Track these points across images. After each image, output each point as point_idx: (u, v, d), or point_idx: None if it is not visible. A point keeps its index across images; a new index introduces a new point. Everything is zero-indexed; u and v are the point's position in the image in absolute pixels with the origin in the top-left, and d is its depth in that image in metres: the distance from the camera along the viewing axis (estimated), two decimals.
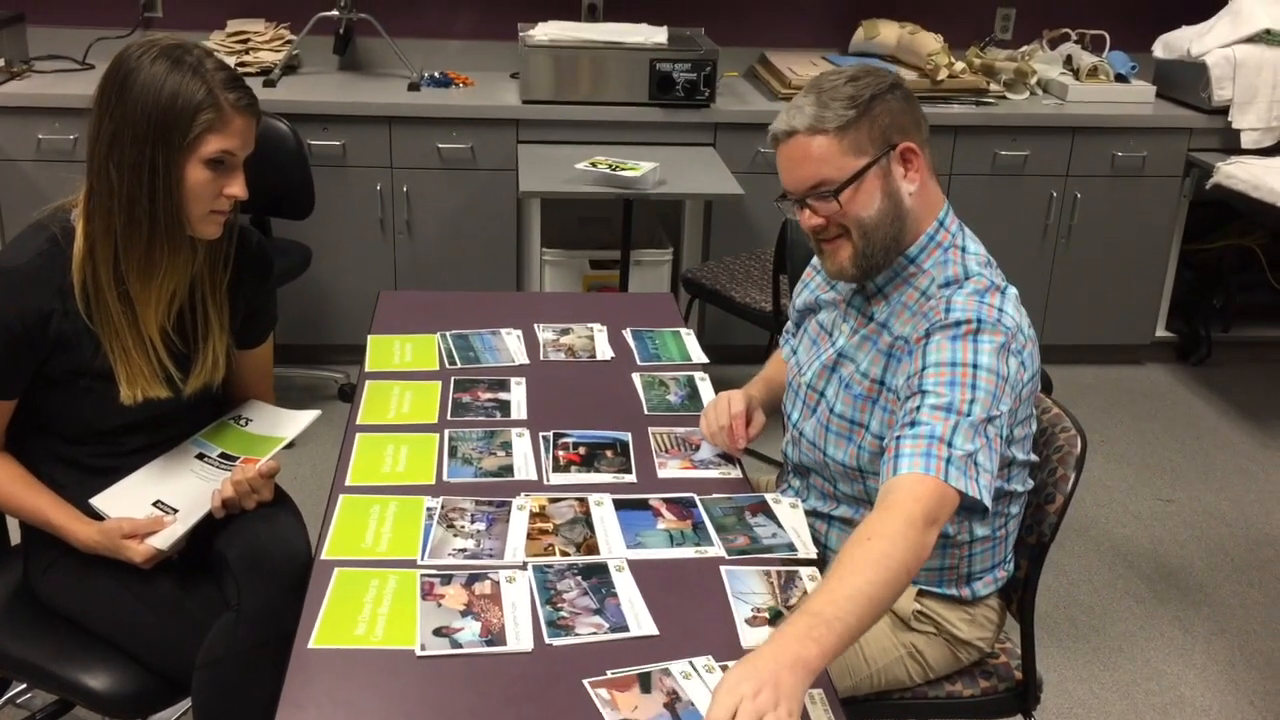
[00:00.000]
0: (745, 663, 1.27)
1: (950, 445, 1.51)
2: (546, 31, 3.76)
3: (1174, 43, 4.07)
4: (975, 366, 1.56)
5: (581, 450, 1.87)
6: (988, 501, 1.52)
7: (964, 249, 1.70)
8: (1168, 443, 3.75)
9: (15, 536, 1.93)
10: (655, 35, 3.77)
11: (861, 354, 1.74)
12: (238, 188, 1.69)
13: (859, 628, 1.35)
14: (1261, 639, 2.81)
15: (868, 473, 1.73)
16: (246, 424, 1.88)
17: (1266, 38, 3.89)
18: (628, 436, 1.92)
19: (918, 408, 1.55)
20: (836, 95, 1.62)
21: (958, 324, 1.58)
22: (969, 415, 1.53)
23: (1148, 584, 3.02)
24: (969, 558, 1.76)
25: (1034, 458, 1.79)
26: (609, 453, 1.87)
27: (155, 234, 1.65)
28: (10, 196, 3.57)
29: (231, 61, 3.79)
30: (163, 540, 1.69)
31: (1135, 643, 2.79)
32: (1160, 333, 4.25)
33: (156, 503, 1.74)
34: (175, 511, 1.73)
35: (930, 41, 3.95)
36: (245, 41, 3.92)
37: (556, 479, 1.79)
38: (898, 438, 1.54)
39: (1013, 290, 1.68)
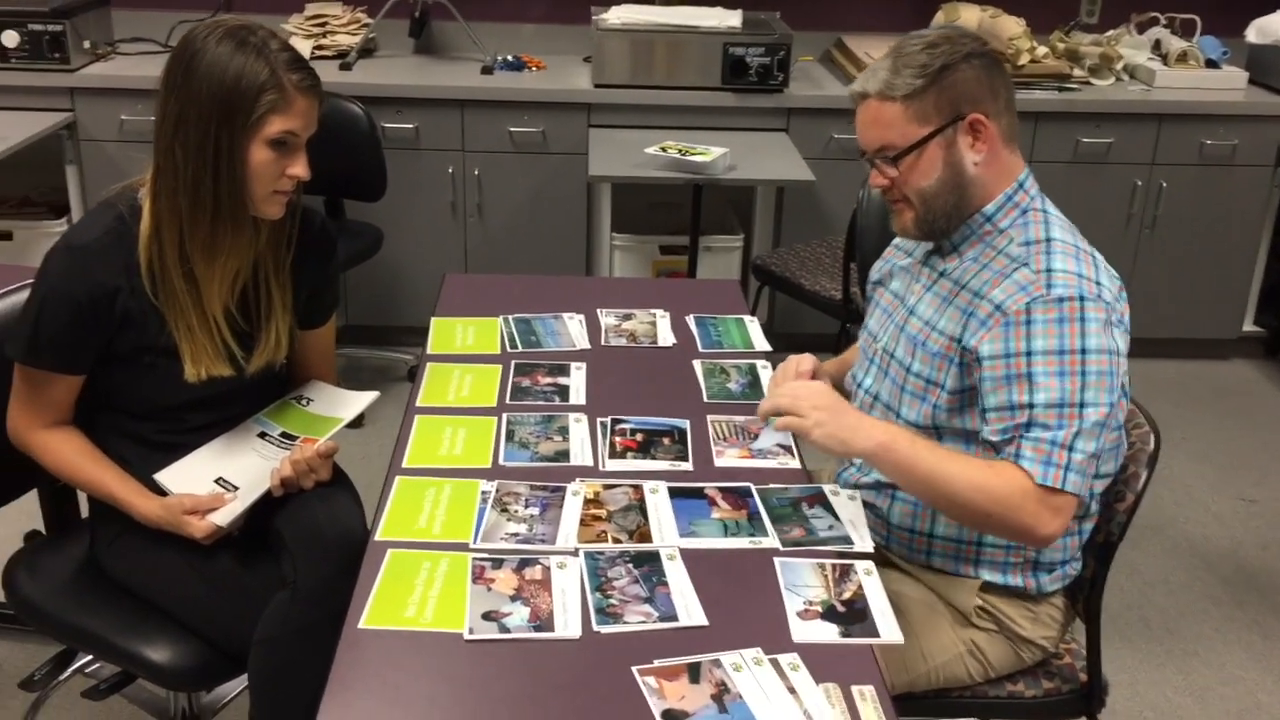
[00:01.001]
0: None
1: (1071, 450, 1.54)
2: (620, 15, 3.74)
3: (1268, 27, 3.92)
4: (1083, 351, 1.55)
5: (639, 437, 1.86)
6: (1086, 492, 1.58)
7: (1045, 211, 1.68)
8: (1252, 441, 3.63)
9: (85, 510, 1.97)
10: (729, 19, 3.73)
11: (934, 310, 1.72)
12: (300, 168, 1.70)
13: (921, 480, 1.59)
14: None
15: (944, 429, 1.70)
16: (308, 404, 1.90)
17: None
18: (685, 424, 1.90)
19: (1031, 405, 1.56)
20: (910, 62, 1.63)
21: (1060, 301, 1.57)
22: (1084, 410, 1.54)
23: (1226, 586, 2.93)
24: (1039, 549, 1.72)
25: (1121, 442, 1.74)
26: (666, 440, 1.85)
27: (219, 213, 1.67)
28: (94, 175, 3.66)
29: (309, 44, 3.85)
30: (223, 517, 1.71)
31: (1211, 646, 2.70)
32: (1248, 327, 4.11)
33: (218, 480, 1.76)
34: (236, 489, 1.75)
35: (1012, 25, 3.86)
36: (323, 25, 3.96)
37: (613, 465, 1.78)
38: (1020, 439, 1.56)
39: (1100, 256, 1.67)
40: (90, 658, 2.06)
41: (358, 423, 1.89)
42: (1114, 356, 1.57)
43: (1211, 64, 3.96)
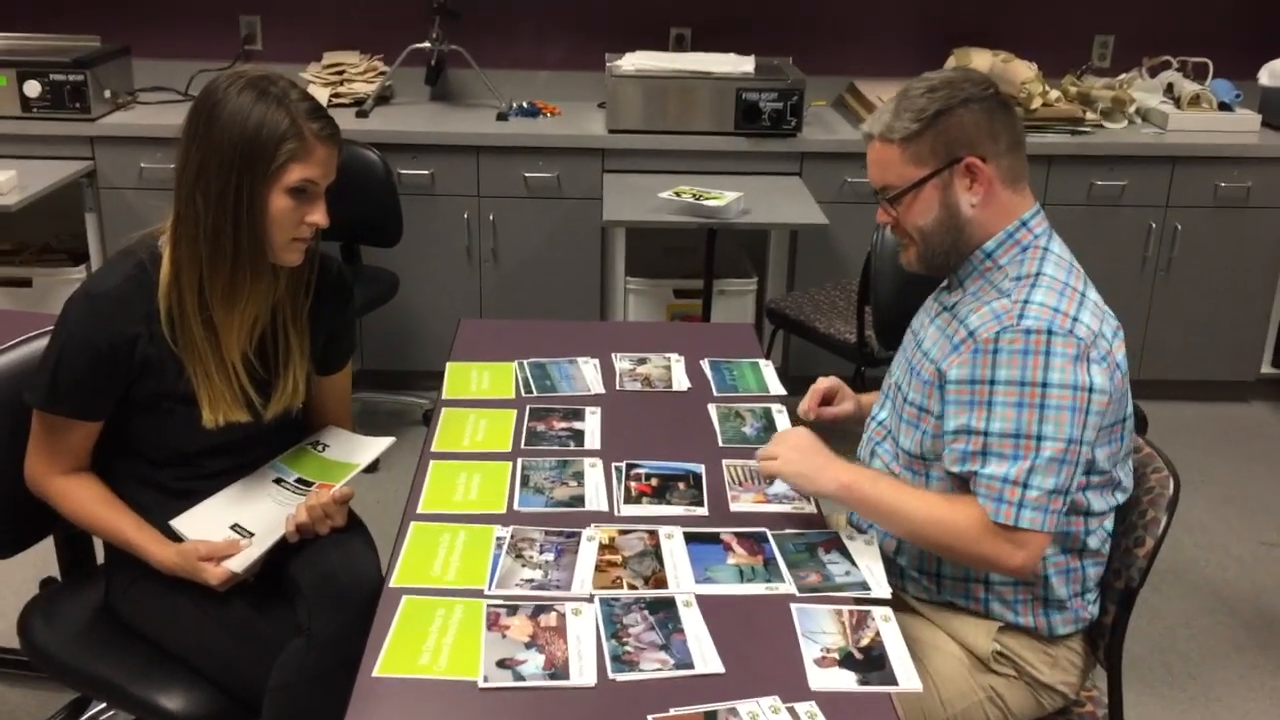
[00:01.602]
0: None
1: (1025, 487, 1.56)
2: (634, 61, 3.78)
3: None
4: (1044, 385, 1.56)
5: (654, 481, 1.85)
6: (1053, 528, 1.59)
7: (1046, 249, 1.69)
8: (1272, 483, 3.60)
9: (101, 557, 1.97)
10: (743, 65, 3.76)
11: (931, 341, 1.75)
12: (319, 216, 1.72)
13: (885, 514, 1.66)
14: None
15: (930, 460, 1.72)
16: (324, 449, 1.91)
17: None
18: (701, 468, 1.89)
19: (985, 433, 1.58)
20: (910, 106, 1.67)
21: (1028, 332, 1.58)
22: (1041, 444, 1.56)
23: (1249, 631, 2.89)
24: (1046, 580, 1.71)
25: (1121, 477, 1.73)
26: (681, 485, 1.85)
27: (239, 261, 1.69)
28: (114, 223, 3.70)
29: (326, 92, 3.89)
30: (238, 563, 1.71)
31: (1235, 692, 2.66)
32: (1266, 369, 4.09)
33: (234, 526, 1.76)
34: (251, 535, 1.75)
35: (1023, 70, 3.88)
36: (341, 73, 4.01)
37: (628, 510, 1.77)
38: (975, 472, 1.60)
39: (1093, 295, 1.66)
40: (104, 705, 2.06)
41: (373, 468, 1.89)
42: (1081, 392, 1.56)
43: (1224, 107, 3.97)
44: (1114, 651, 1.77)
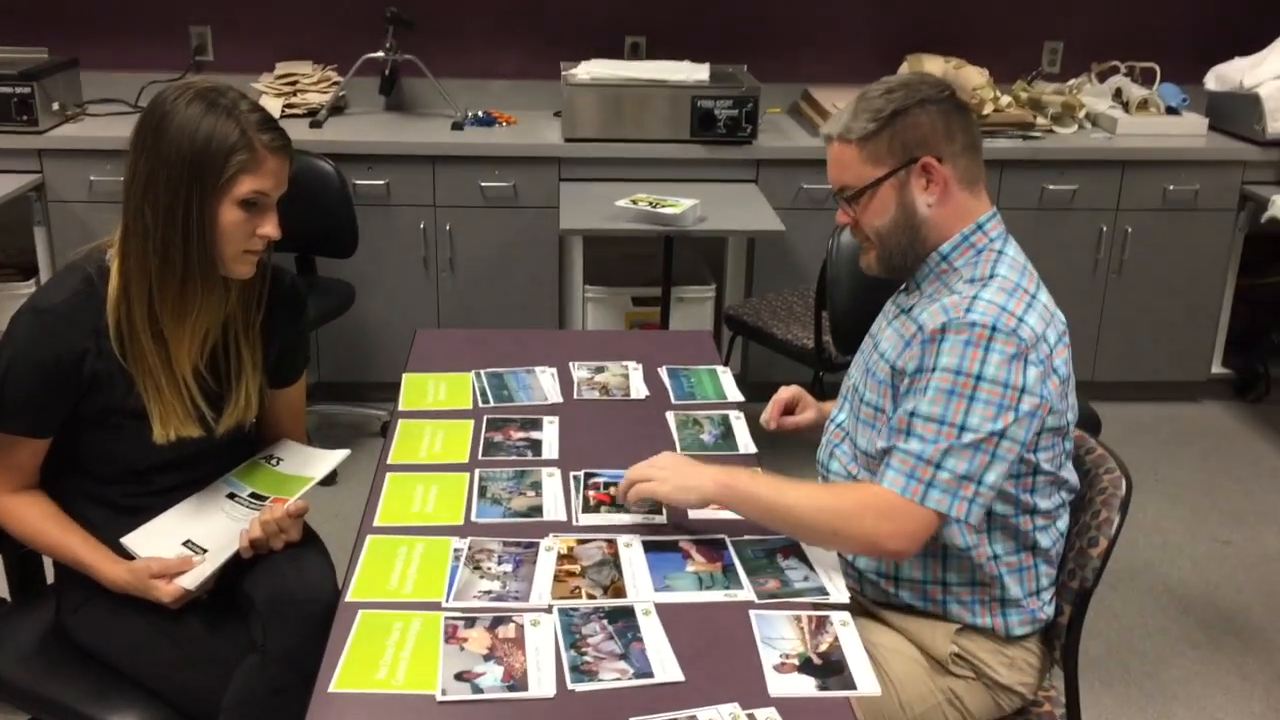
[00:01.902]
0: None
1: (938, 467, 1.57)
2: (589, 70, 3.78)
3: (1226, 75, 4.00)
4: (979, 378, 1.57)
5: (612, 490, 1.85)
6: (973, 519, 1.60)
7: (1001, 252, 1.71)
8: (1225, 482, 3.65)
9: (50, 576, 1.94)
10: (697, 73, 3.77)
11: (886, 340, 1.76)
12: (271, 228, 1.70)
13: (766, 510, 1.65)
14: None
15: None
16: (278, 463, 1.89)
17: None
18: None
19: (913, 412, 1.60)
20: (868, 107, 1.69)
21: (972, 325, 1.59)
22: (963, 430, 1.57)
23: (1204, 629, 2.93)
24: (1000, 580, 1.72)
25: (1067, 476, 1.74)
26: None
27: (189, 274, 1.66)
28: (63, 236, 3.64)
29: (279, 103, 3.86)
30: (190, 580, 1.69)
31: (1191, 690, 2.70)
32: (1216, 369, 4.15)
33: (186, 542, 1.74)
34: (204, 551, 1.73)
35: (975, 76, 3.92)
36: (294, 83, 3.98)
37: (586, 519, 1.77)
38: (893, 445, 1.62)
39: (1044, 297, 1.68)
40: None
41: (331, 481, 1.87)
42: (1011, 391, 1.57)
43: (1172, 111, 4.04)
44: (1070, 651, 1.78)
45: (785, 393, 2.03)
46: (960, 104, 1.72)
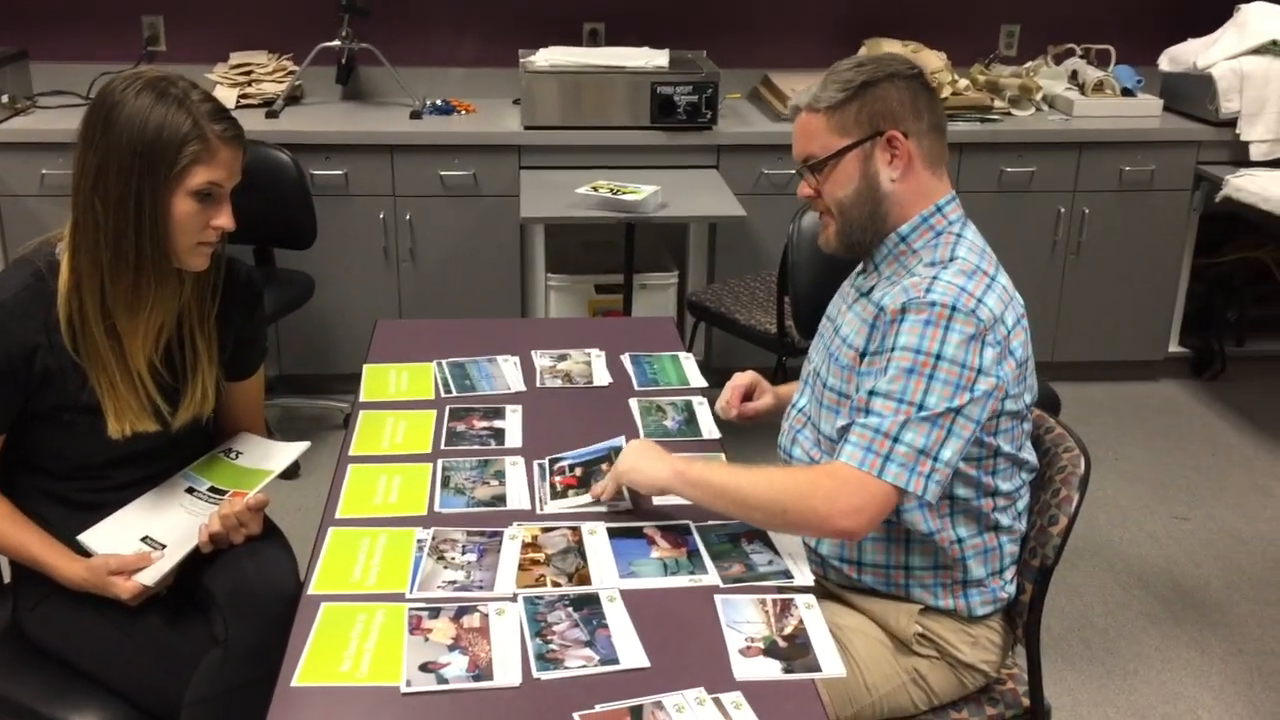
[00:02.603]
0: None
1: (896, 441, 1.56)
2: (548, 57, 3.76)
3: (1180, 56, 4.04)
4: (938, 357, 1.58)
5: (578, 471, 1.84)
6: (930, 496, 1.58)
7: (960, 235, 1.71)
8: (1183, 460, 3.70)
9: (7, 575, 1.91)
10: (656, 59, 3.76)
11: (849, 326, 1.76)
12: (225, 219, 1.68)
13: (717, 492, 1.63)
14: None
15: None
16: (237, 457, 1.87)
17: (1273, 49, 3.85)
18: (621, 440, 1.89)
19: (873, 391, 1.60)
20: (838, 78, 1.70)
21: (932, 305, 1.60)
22: (922, 408, 1.56)
23: (1163, 604, 2.97)
24: (962, 562, 1.73)
25: (1027, 457, 1.76)
26: (605, 465, 1.82)
27: (142, 267, 1.64)
28: (15, 231, 3.59)
29: (234, 93, 3.82)
30: (149, 576, 1.67)
31: (1151, 665, 2.73)
32: (1173, 348, 4.20)
33: (144, 538, 1.72)
34: (163, 547, 1.71)
35: (933, 59, 3.93)
36: (249, 74, 3.93)
37: (556, 506, 1.76)
38: (852, 420, 1.61)
39: (1003, 280, 1.69)
40: None
41: (294, 474, 1.85)
42: (968, 371, 1.58)
43: (1127, 92, 4.07)
44: (1032, 628, 1.80)
45: (742, 379, 2.03)
46: (928, 85, 1.73)
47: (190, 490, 1.80)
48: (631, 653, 1.44)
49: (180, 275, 1.71)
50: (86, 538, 1.71)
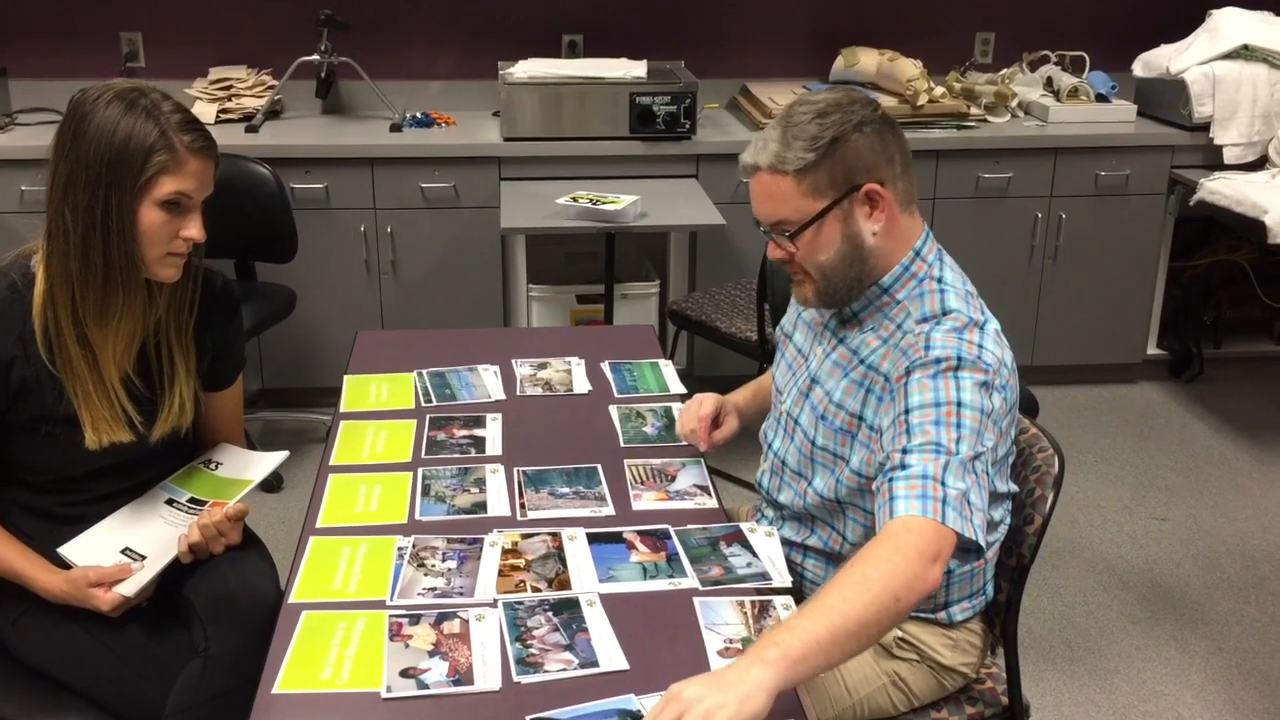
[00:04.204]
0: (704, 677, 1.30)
1: (944, 485, 1.48)
2: (526, 69, 3.78)
3: (1153, 61, 4.08)
4: (959, 405, 1.53)
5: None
6: (982, 540, 1.50)
7: (940, 280, 1.67)
8: (1161, 461, 3.73)
9: None
10: (634, 69, 3.79)
11: (833, 381, 1.72)
12: (194, 230, 1.68)
13: (830, 641, 1.33)
14: (1259, 657, 2.77)
15: (845, 504, 1.72)
16: (216, 468, 1.87)
17: (1245, 54, 3.89)
18: (597, 467, 1.90)
19: (905, 449, 1.52)
20: (800, 134, 1.59)
21: (938, 361, 1.56)
22: (958, 454, 1.51)
23: (1143, 604, 2.99)
24: (946, 588, 1.74)
25: (1014, 488, 1.76)
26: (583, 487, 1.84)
27: (110, 276, 1.64)
28: None
29: (214, 108, 3.82)
30: (129, 588, 1.67)
31: (1131, 664, 2.75)
32: (1151, 351, 4.23)
33: (125, 550, 1.72)
34: (143, 558, 1.71)
35: (909, 68, 3.96)
36: (228, 88, 3.94)
37: (532, 513, 1.77)
38: (890, 479, 1.51)
39: (993, 324, 1.65)
40: None
41: (277, 486, 1.86)
42: (984, 417, 1.54)
43: (1102, 98, 4.11)
44: (1009, 629, 1.82)
45: (707, 408, 1.93)
46: (890, 120, 1.65)
47: (170, 501, 1.80)
48: (611, 656, 1.45)
49: (151, 286, 1.72)
50: (67, 550, 1.71)
